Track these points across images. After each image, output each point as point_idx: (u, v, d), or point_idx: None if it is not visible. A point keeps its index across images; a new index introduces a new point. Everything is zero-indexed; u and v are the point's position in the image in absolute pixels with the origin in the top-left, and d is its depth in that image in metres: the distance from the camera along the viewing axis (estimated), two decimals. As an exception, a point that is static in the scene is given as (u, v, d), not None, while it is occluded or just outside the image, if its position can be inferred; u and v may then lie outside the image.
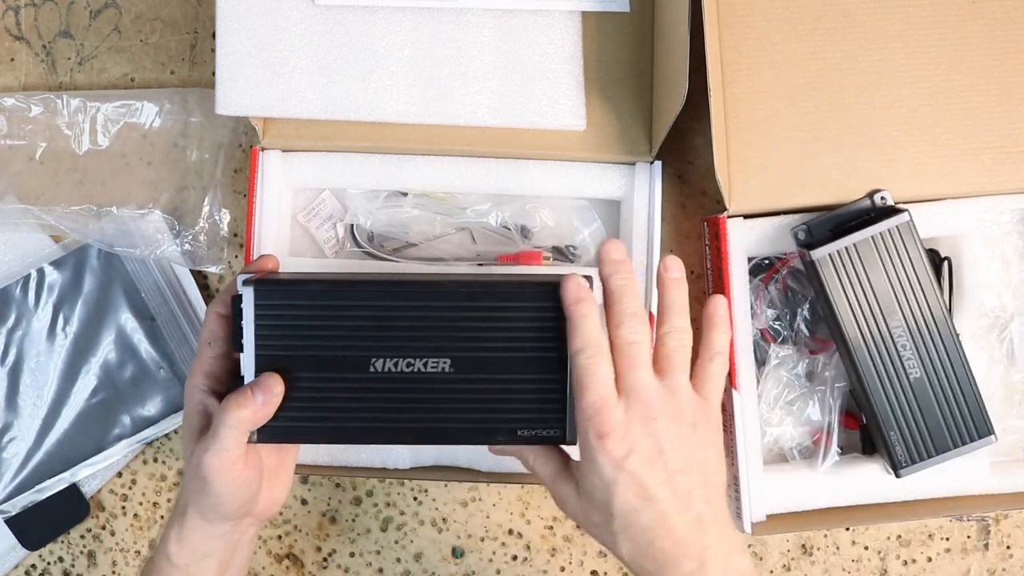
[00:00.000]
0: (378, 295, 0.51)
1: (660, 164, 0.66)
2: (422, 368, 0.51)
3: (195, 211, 0.70)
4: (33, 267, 0.70)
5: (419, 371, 0.51)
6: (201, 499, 0.51)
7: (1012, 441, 0.70)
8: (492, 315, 0.51)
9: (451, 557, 0.73)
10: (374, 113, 0.65)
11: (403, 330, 0.51)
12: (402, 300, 0.51)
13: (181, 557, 0.52)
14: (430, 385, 0.51)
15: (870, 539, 0.73)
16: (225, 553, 0.54)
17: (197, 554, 0.53)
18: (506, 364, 0.51)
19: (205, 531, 0.52)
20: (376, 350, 0.51)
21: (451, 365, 0.51)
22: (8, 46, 0.73)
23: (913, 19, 0.64)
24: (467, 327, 0.51)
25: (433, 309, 0.51)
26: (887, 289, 0.62)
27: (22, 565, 0.73)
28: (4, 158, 0.71)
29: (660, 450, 0.48)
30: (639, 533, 0.48)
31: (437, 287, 0.51)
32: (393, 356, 0.51)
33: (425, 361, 0.51)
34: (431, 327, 0.51)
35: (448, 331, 0.51)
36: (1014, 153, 0.64)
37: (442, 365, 0.51)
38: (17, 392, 0.70)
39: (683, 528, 0.48)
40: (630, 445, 0.47)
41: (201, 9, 0.73)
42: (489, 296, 0.51)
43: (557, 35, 0.66)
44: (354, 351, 0.51)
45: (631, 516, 0.48)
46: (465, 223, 0.69)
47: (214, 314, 0.53)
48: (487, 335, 0.51)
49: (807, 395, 0.68)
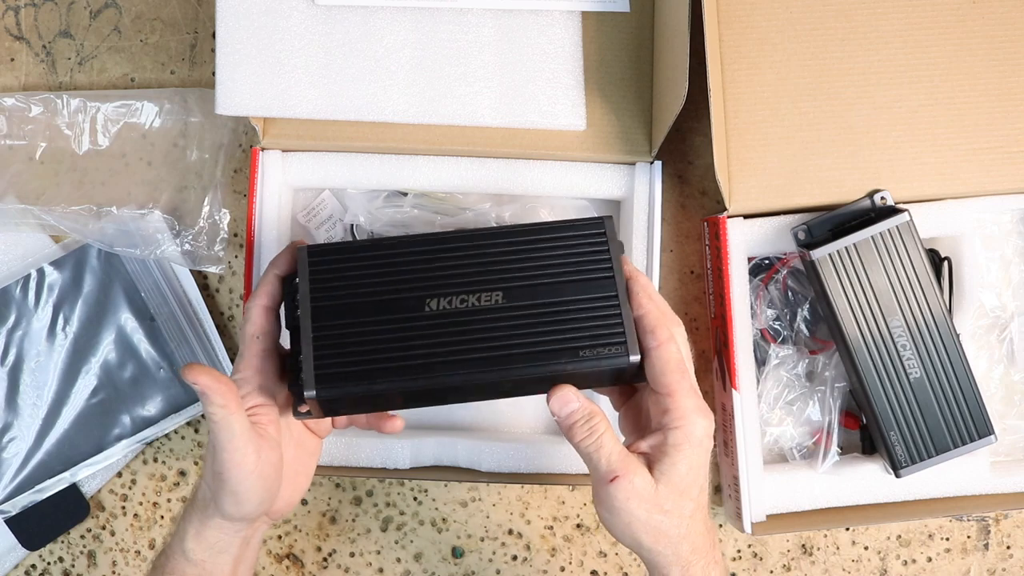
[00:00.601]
0: (426, 240, 0.53)
1: (660, 164, 0.66)
2: (476, 303, 0.52)
3: (195, 211, 0.70)
4: (33, 267, 0.70)
5: (473, 306, 0.52)
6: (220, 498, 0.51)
7: (1012, 441, 0.70)
8: (538, 247, 0.53)
9: (451, 557, 0.73)
10: (374, 113, 0.65)
11: (454, 269, 0.53)
12: (450, 243, 0.53)
13: (198, 553, 0.53)
14: (485, 316, 0.52)
15: (870, 539, 0.73)
16: (240, 549, 0.54)
17: (214, 550, 0.53)
18: (557, 289, 0.52)
19: (223, 528, 0.53)
20: (429, 290, 0.52)
21: (503, 297, 0.52)
22: (8, 46, 0.73)
23: (913, 19, 0.64)
24: (515, 260, 0.53)
25: (481, 248, 0.53)
26: (887, 289, 0.62)
27: (22, 565, 0.73)
28: (4, 158, 0.71)
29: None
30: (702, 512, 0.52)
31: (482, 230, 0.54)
32: (447, 294, 0.52)
33: (479, 296, 0.52)
34: (480, 264, 0.53)
35: (497, 266, 0.53)
36: (1014, 153, 0.64)
37: (495, 298, 0.52)
38: (17, 392, 0.70)
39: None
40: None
41: (201, 9, 0.73)
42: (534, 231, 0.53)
43: (557, 35, 0.66)
44: (408, 293, 0.52)
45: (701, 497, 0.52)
46: (465, 223, 0.69)
47: (259, 307, 0.53)
48: (535, 265, 0.53)
49: (807, 395, 0.68)
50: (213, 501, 0.51)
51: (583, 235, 0.53)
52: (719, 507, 0.72)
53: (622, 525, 0.50)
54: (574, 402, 0.51)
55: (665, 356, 0.51)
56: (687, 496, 0.50)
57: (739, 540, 0.73)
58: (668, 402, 0.50)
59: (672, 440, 0.50)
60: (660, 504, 0.50)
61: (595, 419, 0.51)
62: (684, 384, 0.51)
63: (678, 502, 0.50)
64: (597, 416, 0.51)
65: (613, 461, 0.50)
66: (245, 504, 0.51)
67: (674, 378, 0.50)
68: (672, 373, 0.50)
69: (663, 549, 0.50)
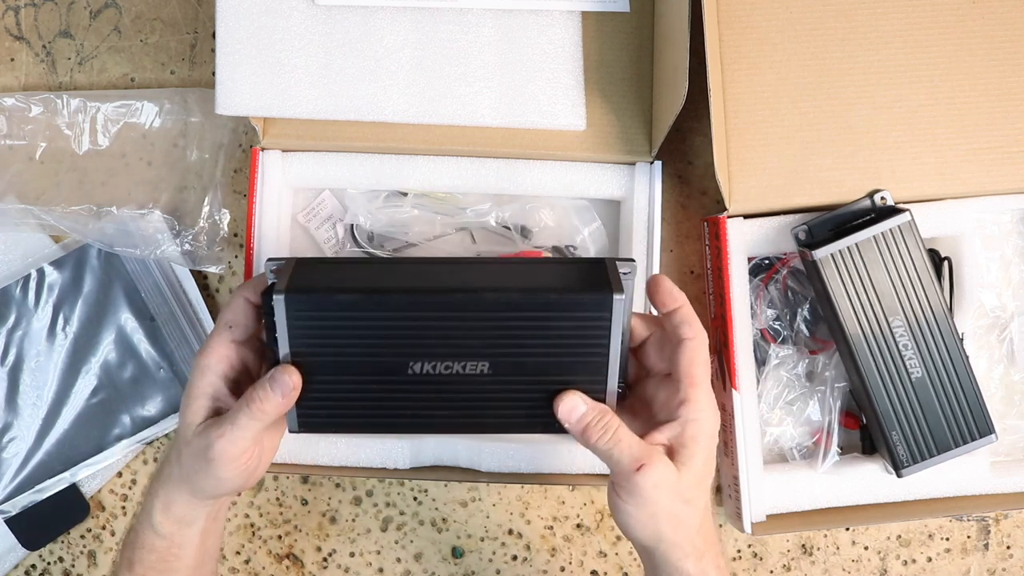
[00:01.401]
0: (413, 304, 0.50)
1: (660, 164, 0.66)
2: (460, 370, 0.51)
3: (195, 211, 0.70)
4: (33, 267, 0.70)
5: (457, 373, 0.51)
6: (199, 479, 0.52)
7: (1012, 441, 0.70)
8: (532, 323, 0.51)
9: (451, 557, 0.73)
10: (374, 113, 0.64)
11: (440, 336, 0.51)
12: (439, 310, 0.50)
13: (166, 526, 0.54)
14: (469, 386, 0.52)
15: (870, 539, 0.73)
16: (207, 522, 0.56)
17: (181, 523, 0.54)
18: (545, 367, 0.52)
19: (191, 504, 0.54)
20: (413, 355, 0.51)
21: (489, 367, 0.51)
22: (8, 46, 0.73)
23: (913, 19, 0.64)
24: (506, 334, 0.51)
25: (471, 318, 0.50)
26: (889, 289, 0.62)
27: (22, 565, 0.73)
28: (4, 158, 0.71)
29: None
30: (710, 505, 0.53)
31: (475, 296, 0.50)
32: (431, 360, 0.51)
33: (464, 364, 0.51)
34: (469, 333, 0.51)
35: (486, 337, 0.51)
36: (1014, 153, 0.64)
37: (480, 367, 0.51)
38: (17, 392, 0.70)
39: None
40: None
41: (201, 9, 0.73)
42: (530, 306, 0.50)
43: (557, 35, 0.66)
44: (391, 356, 0.51)
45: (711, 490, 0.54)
46: (465, 223, 0.69)
47: (243, 299, 0.53)
48: (525, 340, 0.51)
49: (807, 395, 0.68)
50: (185, 479, 0.52)
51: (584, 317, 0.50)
52: (719, 507, 0.72)
53: (646, 516, 0.51)
54: (582, 406, 0.52)
55: (696, 349, 0.52)
56: (703, 487, 0.52)
57: (739, 540, 0.73)
58: (691, 392, 0.51)
59: (691, 432, 0.51)
60: (683, 493, 0.51)
61: (607, 417, 0.51)
62: (707, 378, 0.52)
63: (696, 492, 0.51)
64: (608, 414, 0.52)
65: (636, 451, 0.50)
66: (225, 486, 0.52)
67: (701, 371, 0.52)
68: (701, 366, 0.52)
69: (681, 540, 0.51)
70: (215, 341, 0.53)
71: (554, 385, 0.52)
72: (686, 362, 0.51)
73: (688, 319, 0.52)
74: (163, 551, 0.55)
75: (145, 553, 0.55)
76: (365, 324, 0.50)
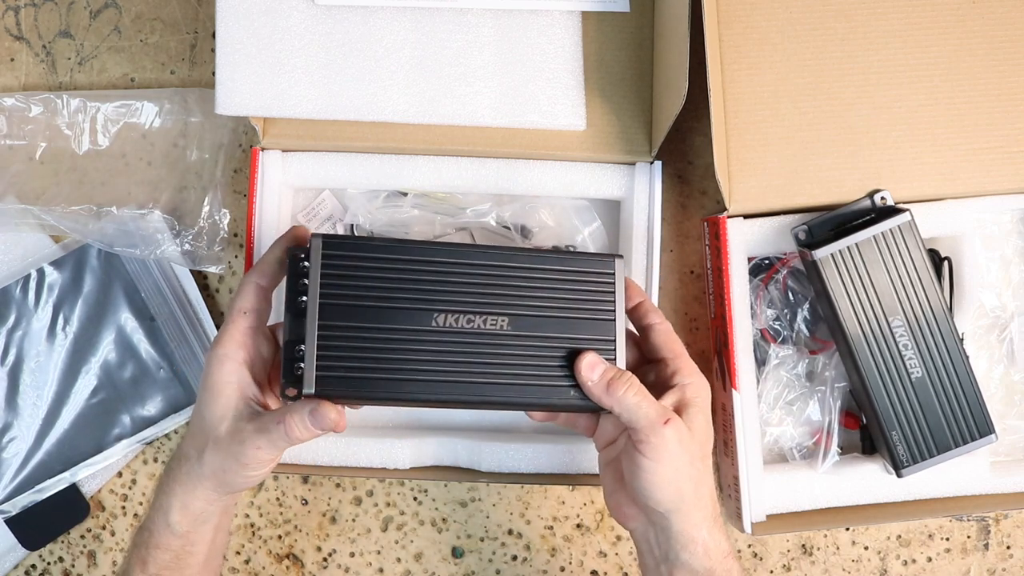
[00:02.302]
0: (442, 252, 0.54)
1: (660, 164, 0.66)
2: (481, 325, 0.53)
3: (195, 211, 0.70)
4: (33, 267, 0.70)
5: (478, 327, 0.53)
6: (229, 476, 0.52)
7: (1012, 441, 0.70)
8: (548, 277, 0.55)
9: (451, 557, 0.73)
10: (374, 113, 0.64)
11: (465, 286, 0.53)
12: (465, 258, 0.54)
13: (184, 525, 0.54)
14: (488, 341, 0.53)
15: (870, 539, 0.73)
16: (220, 516, 0.56)
17: (198, 521, 0.54)
18: (560, 325, 0.54)
19: (211, 499, 0.54)
20: (439, 303, 0.53)
21: (508, 323, 0.54)
22: (8, 46, 0.73)
23: (913, 19, 0.64)
24: (525, 287, 0.54)
25: (494, 268, 0.54)
26: (889, 289, 0.62)
27: (22, 565, 0.73)
28: (4, 158, 0.71)
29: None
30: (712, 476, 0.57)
31: (498, 249, 0.54)
32: (455, 312, 0.53)
33: (485, 318, 0.53)
34: (491, 285, 0.54)
35: (507, 290, 0.54)
36: (1014, 153, 0.64)
37: (500, 322, 0.54)
38: (17, 392, 0.70)
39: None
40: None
41: (201, 9, 0.73)
42: (547, 260, 0.55)
43: (557, 35, 0.66)
44: (418, 304, 0.53)
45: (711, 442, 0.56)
46: (465, 223, 0.69)
47: (255, 284, 0.53)
48: (543, 296, 0.54)
49: (807, 395, 0.68)
50: (211, 476, 0.52)
51: (593, 273, 0.55)
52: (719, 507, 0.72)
53: (672, 472, 0.51)
54: (602, 364, 0.54)
55: (667, 328, 0.57)
56: (707, 448, 0.54)
57: (739, 540, 0.73)
58: (677, 363, 0.55)
59: (690, 394, 0.54)
60: (699, 450, 0.53)
61: (626, 373, 0.54)
62: (686, 350, 0.56)
63: (704, 451, 0.54)
64: (627, 372, 0.54)
65: (661, 406, 0.52)
66: (254, 481, 0.53)
67: (678, 345, 0.56)
68: (676, 341, 0.56)
69: (698, 500, 0.53)
70: (232, 329, 0.53)
71: (568, 344, 0.54)
72: (663, 340, 0.56)
73: (652, 308, 0.58)
74: (178, 549, 0.54)
75: (160, 553, 0.54)
76: (394, 268, 0.53)
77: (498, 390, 0.54)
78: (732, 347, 0.65)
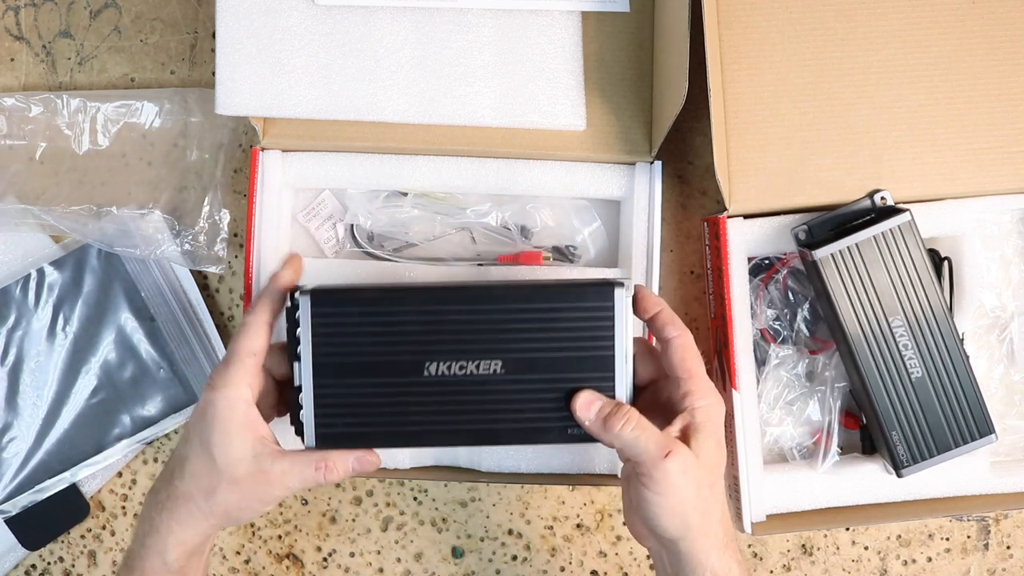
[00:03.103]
0: (430, 299, 0.52)
1: (660, 164, 0.66)
2: (474, 370, 0.52)
3: (195, 211, 0.70)
4: (33, 267, 0.70)
5: (471, 373, 0.52)
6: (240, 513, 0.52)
7: (1012, 441, 0.70)
8: (542, 316, 0.52)
9: (451, 557, 0.73)
10: (374, 113, 0.64)
11: (455, 333, 0.52)
12: (453, 304, 0.52)
13: (179, 561, 0.53)
14: (482, 387, 0.53)
15: (870, 539, 0.73)
16: (206, 545, 0.55)
17: (194, 554, 0.54)
18: (556, 364, 0.52)
19: (209, 535, 0.54)
20: (429, 353, 0.52)
21: (502, 366, 0.52)
22: (8, 46, 0.73)
23: (913, 19, 0.64)
24: (517, 328, 0.52)
25: (483, 312, 0.52)
26: (889, 289, 0.62)
27: (22, 565, 0.73)
28: (4, 158, 0.71)
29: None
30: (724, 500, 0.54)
31: (487, 290, 0.53)
32: (446, 359, 0.52)
33: (477, 363, 0.52)
34: (482, 329, 0.52)
35: (499, 333, 0.52)
36: (1014, 153, 0.64)
37: (494, 367, 0.52)
38: (17, 392, 0.70)
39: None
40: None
41: (201, 9, 0.73)
42: (539, 298, 0.52)
43: (557, 35, 0.66)
44: (408, 355, 0.52)
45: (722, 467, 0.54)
46: (465, 223, 0.69)
47: (260, 323, 0.53)
48: (537, 336, 0.52)
49: (807, 395, 0.68)
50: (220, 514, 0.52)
51: (590, 307, 0.52)
52: (719, 507, 0.72)
53: (676, 503, 0.51)
54: (598, 401, 0.53)
55: (685, 343, 0.53)
56: (718, 472, 0.53)
57: (739, 540, 0.73)
58: (691, 384, 0.52)
59: (700, 418, 0.52)
60: (703, 479, 0.51)
61: (624, 407, 0.52)
62: (703, 368, 0.53)
63: (714, 478, 0.52)
64: (624, 405, 0.52)
65: (661, 439, 0.51)
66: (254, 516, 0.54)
67: (695, 363, 0.53)
68: (693, 358, 0.53)
69: (707, 528, 0.52)
70: (240, 371, 0.52)
71: (566, 383, 0.53)
72: (678, 358, 0.53)
73: (670, 320, 0.54)
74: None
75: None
76: (382, 320, 0.52)
77: (495, 433, 0.54)
78: (732, 347, 0.65)
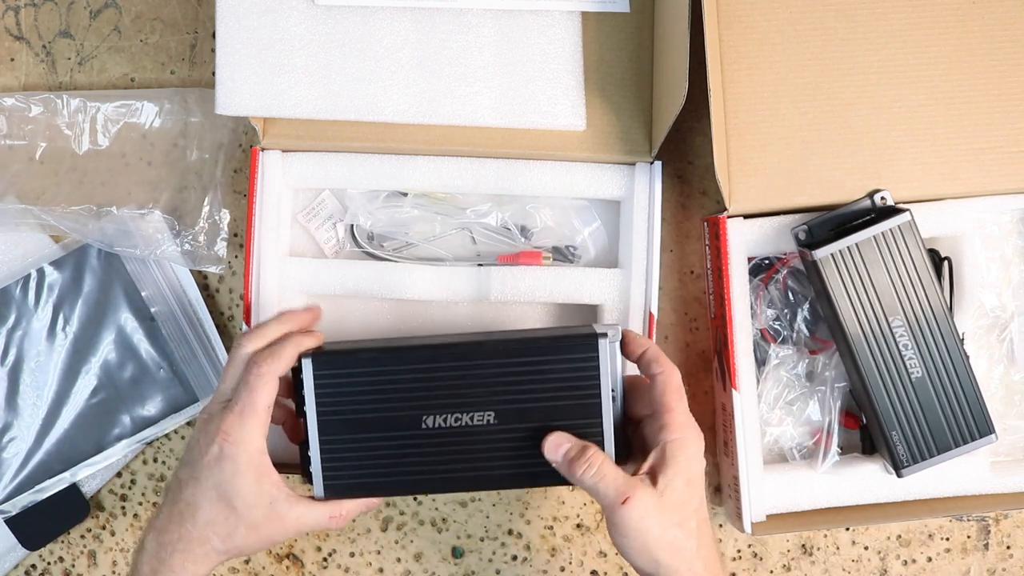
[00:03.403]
0: (424, 357, 0.56)
1: (660, 164, 0.66)
2: (469, 422, 0.56)
3: (195, 211, 0.70)
4: (33, 267, 0.70)
5: (466, 425, 0.56)
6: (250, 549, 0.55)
7: (1012, 441, 0.70)
8: (530, 369, 0.56)
9: (451, 557, 0.73)
10: (374, 113, 0.65)
11: (449, 388, 0.56)
12: (446, 360, 0.56)
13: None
14: (477, 437, 0.56)
15: (870, 539, 0.73)
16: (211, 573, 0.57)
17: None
18: (545, 412, 0.56)
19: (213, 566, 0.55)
20: (426, 408, 0.56)
21: (495, 417, 0.56)
22: (8, 46, 0.73)
23: (913, 19, 0.64)
24: (507, 381, 0.56)
25: (475, 367, 0.56)
26: (889, 288, 0.62)
27: (22, 565, 0.73)
28: (4, 158, 0.71)
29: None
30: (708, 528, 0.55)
31: (478, 346, 0.57)
32: (442, 412, 0.56)
33: (471, 415, 0.56)
34: (474, 384, 0.56)
35: (490, 386, 0.56)
36: (1014, 153, 0.64)
37: (487, 417, 0.56)
38: (17, 392, 0.70)
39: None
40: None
41: (201, 9, 0.73)
42: (527, 351, 0.56)
43: (557, 35, 0.66)
44: (407, 410, 0.56)
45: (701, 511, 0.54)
46: (465, 223, 0.69)
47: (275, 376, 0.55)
48: (526, 387, 0.56)
49: (807, 395, 0.68)
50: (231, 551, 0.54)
51: (577, 358, 0.56)
52: (719, 507, 0.72)
53: (639, 546, 0.52)
54: (566, 443, 0.55)
55: (667, 379, 0.55)
56: (689, 507, 0.53)
57: (739, 540, 0.73)
58: (666, 417, 0.54)
59: (669, 452, 0.53)
60: (670, 517, 0.52)
61: (589, 451, 0.54)
62: (682, 404, 0.54)
63: (684, 514, 0.53)
64: (591, 448, 0.54)
65: (620, 484, 0.52)
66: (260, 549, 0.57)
67: (674, 397, 0.55)
68: (672, 393, 0.55)
69: (680, 565, 0.52)
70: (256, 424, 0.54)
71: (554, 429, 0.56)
72: (658, 393, 0.55)
73: (655, 357, 0.56)
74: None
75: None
76: (380, 379, 0.56)
77: (491, 479, 0.57)
78: (732, 347, 0.65)
